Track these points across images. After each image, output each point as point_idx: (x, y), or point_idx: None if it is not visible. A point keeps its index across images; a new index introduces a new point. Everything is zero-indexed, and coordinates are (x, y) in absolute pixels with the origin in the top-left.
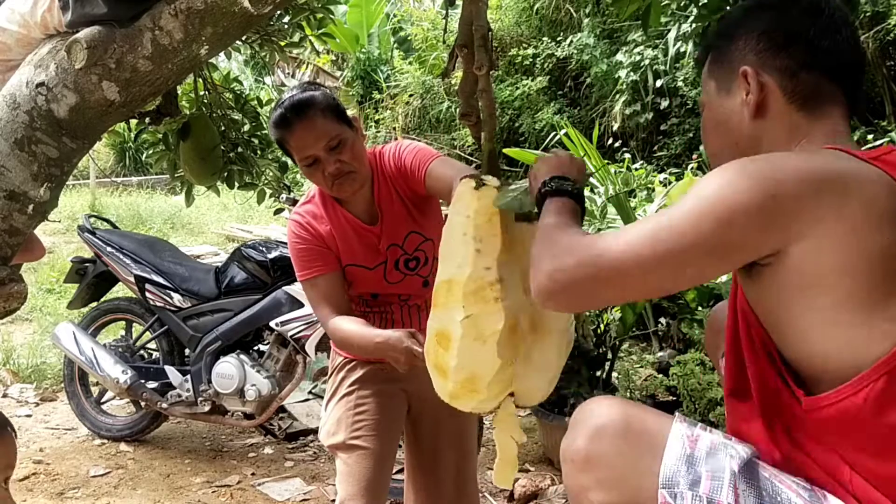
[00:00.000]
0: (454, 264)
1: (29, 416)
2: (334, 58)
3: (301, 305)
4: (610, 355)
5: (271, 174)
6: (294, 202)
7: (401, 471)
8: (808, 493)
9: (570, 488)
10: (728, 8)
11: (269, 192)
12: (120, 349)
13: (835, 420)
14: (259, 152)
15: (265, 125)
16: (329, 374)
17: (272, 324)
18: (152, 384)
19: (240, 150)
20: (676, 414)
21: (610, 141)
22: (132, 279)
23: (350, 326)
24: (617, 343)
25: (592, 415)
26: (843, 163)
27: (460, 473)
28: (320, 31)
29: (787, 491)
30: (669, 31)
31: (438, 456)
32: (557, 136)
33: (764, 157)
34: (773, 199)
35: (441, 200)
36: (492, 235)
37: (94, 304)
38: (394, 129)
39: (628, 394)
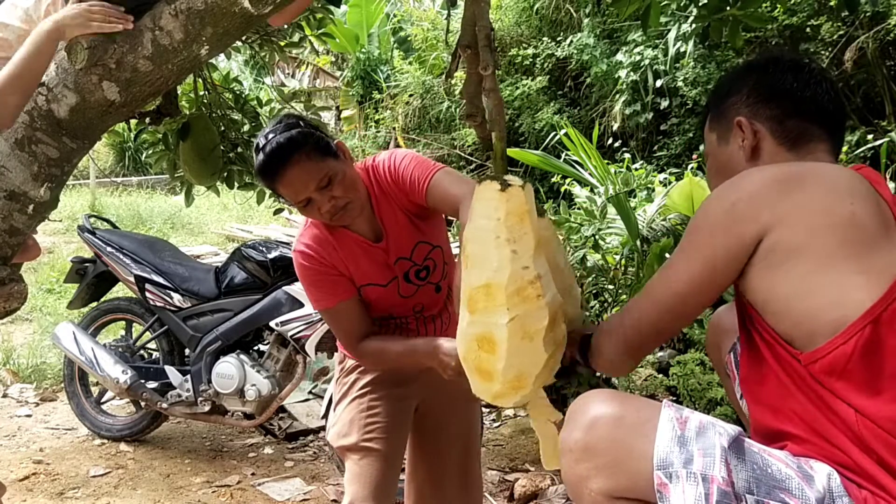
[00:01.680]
0: (490, 268)
1: (29, 416)
2: (334, 58)
3: (301, 305)
4: None
5: None
6: None
7: (402, 470)
8: (796, 464)
9: (568, 479)
10: (728, 9)
11: (269, 191)
12: (120, 349)
13: (828, 368)
14: None
15: (265, 125)
16: (338, 375)
17: (272, 324)
18: (152, 384)
19: (240, 150)
20: (664, 400)
21: (610, 141)
22: (132, 279)
23: (383, 343)
24: None
25: (587, 407)
26: (804, 164)
27: (465, 473)
28: (320, 31)
29: (776, 463)
30: (669, 31)
31: (443, 456)
32: (557, 136)
33: (729, 181)
34: (733, 205)
35: None
36: (524, 235)
37: (94, 304)
38: (394, 129)
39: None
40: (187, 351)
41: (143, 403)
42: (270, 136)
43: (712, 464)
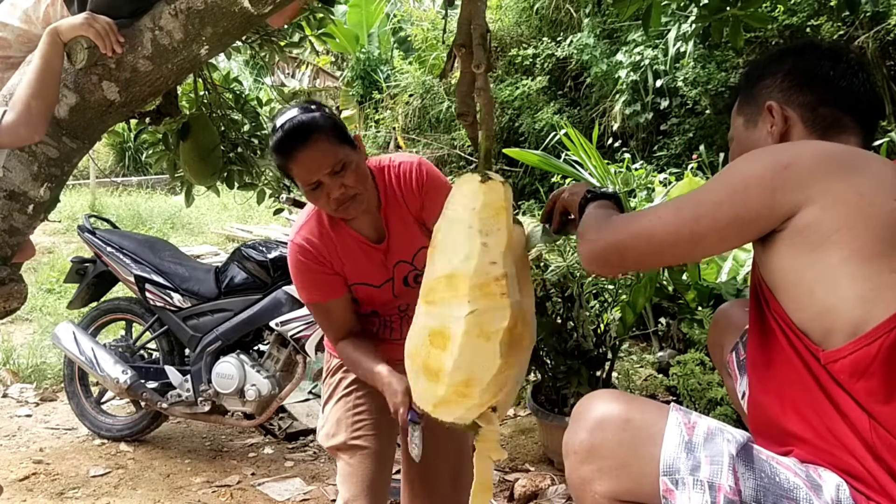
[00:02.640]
0: (457, 258)
1: (29, 416)
2: (333, 58)
3: (301, 305)
4: (610, 355)
5: (271, 174)
6: (294, 202)
7: (399, 471)
8: (804, 473)
9: (572, 481)
10: (728, 9)
11: (269, 192)
12: (120, 349)
13: (849, 369)
14: (259, 152)
15: (265, 125)
16: (325, 375)
17: (272, 324)
18: (152, 384)
19: (240, 150)
20: (672, 403)
21: (610, 141)
22: (132, 279)
23: (356, 354)
24: (617, 343)
25: (593, 408)
26: (856, 149)
27: (457, 476)
28: (320, 32)
29: (784, 471)
30: (669, 31)
31: (436, 457)
32: (557, 136)
33: (782, 144)
34: (786, 168)
35: None
36: (498, 230)
37: (94, 304)
38: (394, 129)
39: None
40: (187, 351)
41: (143, 403)
42: (292, 114)
43: (720, 472)
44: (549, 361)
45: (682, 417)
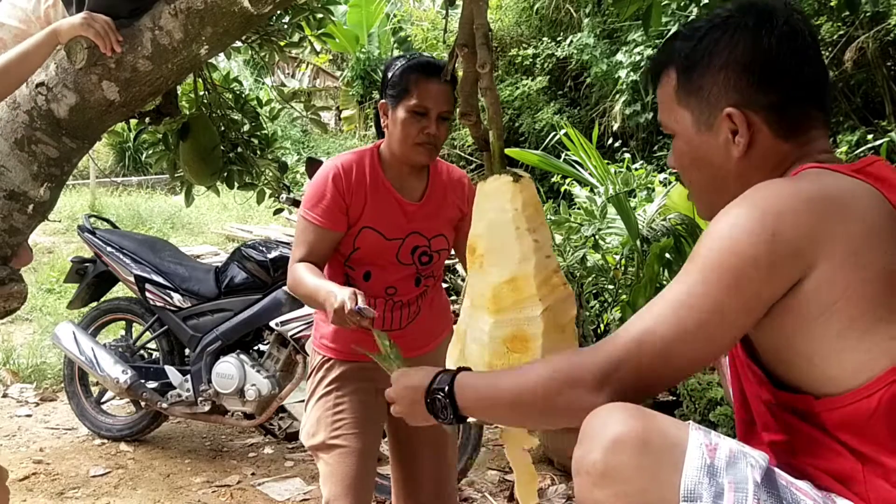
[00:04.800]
0: (513, 261)
1: (29, 416)
2: (332, 57)
3: (301, 305)
4: None
5: (271, 174)
6: (294, 202)
7: (390, 468)
8: (822, 499)
9: (583, 503)
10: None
11: (268, 192)
12: (120, 349)
13: (846, 420)
14: (259, 152)
15: (265, 125)
16: (308, 374)
17: (272, 324)
18: (152, 384)
19: (239, 150)
20: (690, 422)
21: (610, 141)
22: (132, 279)
23: (307, 273)
24: None
25: (607, 425)
26: (832, 182)
27: (437, 481)
28: (320, 32)
29: (805, 499)
30: (669, 31)
31: (417, 461)
32: (557, 136)
33: (753, 197)
34: (774, 236)
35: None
36: (542, 225)
37: (94, 304)
38: None
39: None
40: (187, 351)
41: (143, 403)
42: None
43: (744, 499)
44: None
45: (703, 438)
